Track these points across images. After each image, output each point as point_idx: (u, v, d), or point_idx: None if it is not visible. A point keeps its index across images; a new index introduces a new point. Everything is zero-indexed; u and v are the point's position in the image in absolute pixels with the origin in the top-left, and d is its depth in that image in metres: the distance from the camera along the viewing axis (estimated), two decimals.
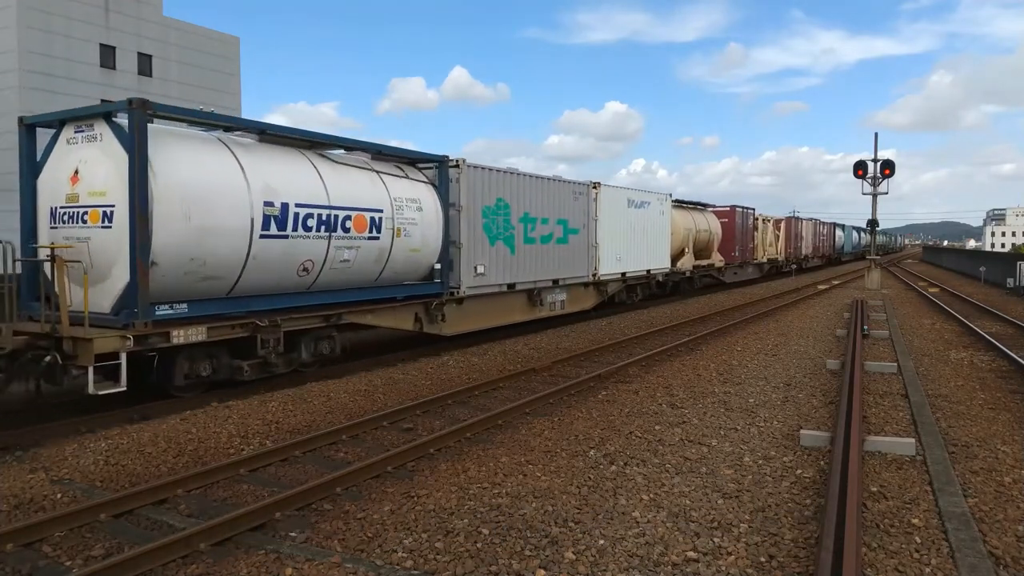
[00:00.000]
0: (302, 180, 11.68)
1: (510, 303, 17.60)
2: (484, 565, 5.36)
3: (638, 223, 23.87)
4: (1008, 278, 32.53)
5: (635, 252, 23.70)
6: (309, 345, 12.25)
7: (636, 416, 9.72)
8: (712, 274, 33.33)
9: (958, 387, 11.69)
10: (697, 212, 32.20)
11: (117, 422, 9.38)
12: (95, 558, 5.54)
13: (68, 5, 35.19)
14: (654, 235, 25.22)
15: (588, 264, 20.87)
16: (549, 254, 18.81)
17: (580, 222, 20.33)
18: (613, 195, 22.25)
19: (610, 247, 21.82)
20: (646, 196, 24.79)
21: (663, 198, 26.38)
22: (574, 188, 20.14)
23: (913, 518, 6.21)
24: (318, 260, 11.91)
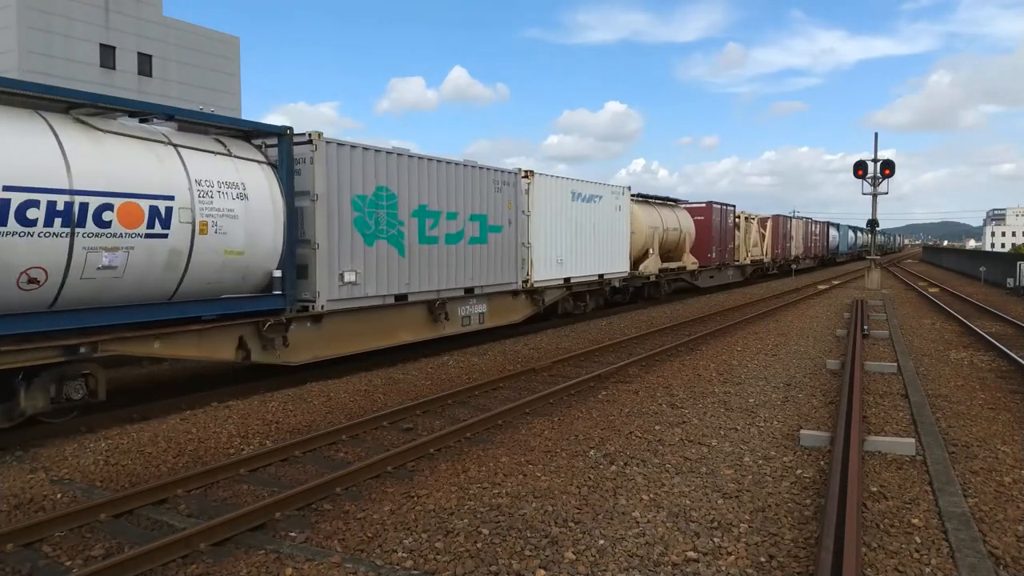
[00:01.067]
0: (20, 152, 8.18)
1: (400, 319, 13.92)
2: (484, 565, 5.36)
3: (587, 220, 20.51)
4: (1008, 278, 32.53)
5: (583, 254, 20.38)
6: (45, 387, 8.74)
7: (636, 416, 9.73)
8: (684, 278, 29.68)
9: (958, 387, 11.69)
10: (666, 209, 28.46)
11: (117, 422, 9.38)
12: (95, 558, 5.54)
13: (68, 5, 35.19)
14: (608, 234, 21.85)
15: (517, 268, 17.33)
16: (459, 257, 15.28)
17: (505, 218, 16.82)
18: (551, 186, 18.90)
19: (548, 248, 18.56)
20: (597, 189, 21.31)
21: (620, 191, 22.84)
22: (496, 177, 16.60)
23: (913, 518, 6.21)
24: (55, 267, 8.45)
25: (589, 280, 21.04)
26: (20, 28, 33.26)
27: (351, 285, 12.53)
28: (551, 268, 18.77)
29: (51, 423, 8.92)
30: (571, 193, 19.83)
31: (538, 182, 18.22)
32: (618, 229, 22.66)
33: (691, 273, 30.00)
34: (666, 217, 27.77)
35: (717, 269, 33.21)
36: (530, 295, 18.15)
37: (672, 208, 29.24)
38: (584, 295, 21.49)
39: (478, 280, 16.02)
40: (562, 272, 19.35)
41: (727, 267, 34.76)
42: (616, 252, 22.52)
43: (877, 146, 35.05)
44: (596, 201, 21.18)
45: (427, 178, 14.46)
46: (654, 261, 26.12)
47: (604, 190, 21.73)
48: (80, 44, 35.61)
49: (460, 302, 15.57)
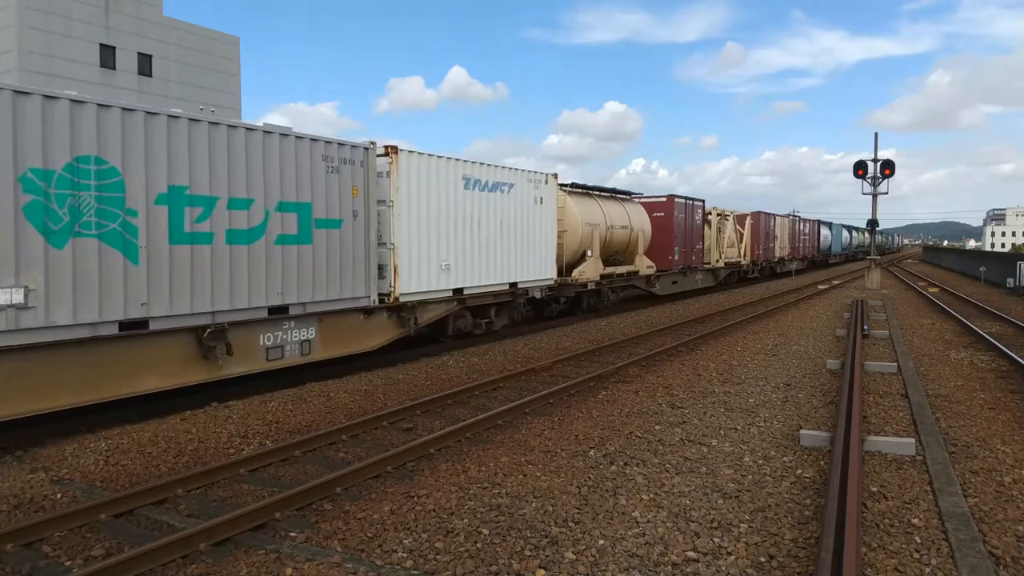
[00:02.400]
0: None
1: (137, 357, 9.47)
2: (484, 565, 5.36)
3: (489, 214, 16.42)
4: (1008, 278, 32.52)
5: (484, 257, 16.24)
6: None
7: (636, 416, 9.72)
8: (637, 284, 25.38)
9: (958, 387, 11.69)
10: (612, 203, 23.85)
11: (117, 422, 9.37)
12: (95, 558, 5.55)
13: (68, 5, 35.19)
14: (524, 232, 17.75)
15: (369, 278, 12.98)
16: (258, 263, 10.89)
17: (347, 209, 12.50)
18: (429, 168, 14.53)
19: (426, 250, 14.38)
20: (506, 175, 17.08)
21: (541, 179, 18.55)
22: (328, 152, 12.12)
23: (913, 518, 6.21)
24: None
25: (495, 291, 16.72)
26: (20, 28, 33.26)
27: (14, 309, 8.19)
28: (431, 276, 14.55)
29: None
30: (463, 179, 15.60)
31: (406, 162, 13.85)
32: (539, 226, 18.48)
33: (646, 279, 25.70)
34: (612, 213, 23.26)
35: (681, 273, 29.00)
36: (394, 313, 13.79)
37: (621, 202, 24.62)
38: (487, 309, 17.08)
39: (298, 295, 11.55)
40: (450, 281, 15.15)
41: (694, 271, 30.46)
42: (536, 255, 18.29)
43: (877, 146, 35.03)
44: (504, 191, 16.99)
45: (188, 148, 10.01)
46: (594, 265, 21.80)
47: (517, 176, 17.53)
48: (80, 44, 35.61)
49: (263, 328, 11.05)
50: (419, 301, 14.35)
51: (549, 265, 19.08)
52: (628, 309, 24.44)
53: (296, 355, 11.70)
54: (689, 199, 29.73)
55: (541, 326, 19.55)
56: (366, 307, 13.06)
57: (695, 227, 30.28)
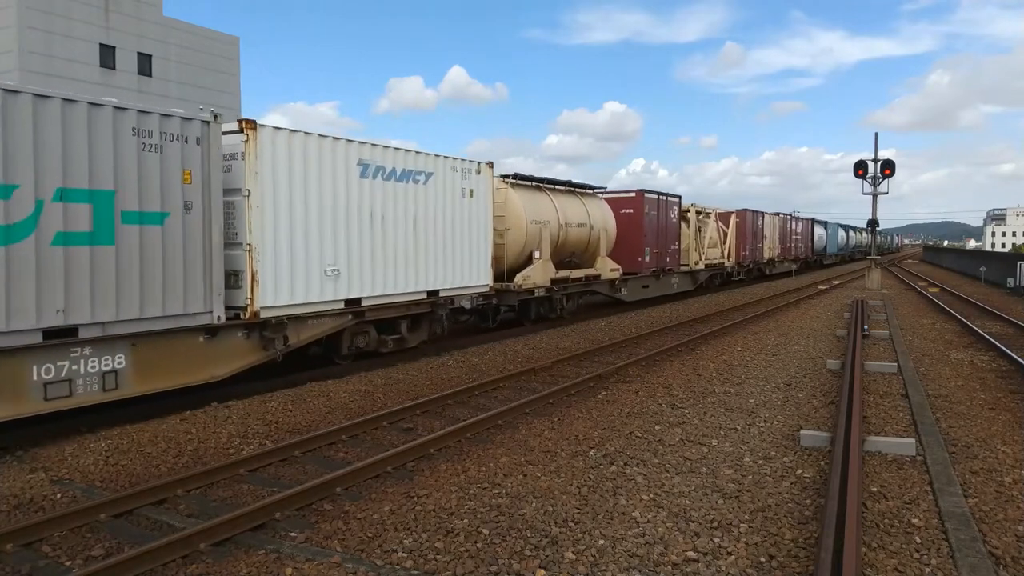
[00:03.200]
0: None
1: None
2: (484, 565, 5.36)
3: (398, 208, 13.74)
4: (1008, 278, 32.52)
5: (390, 261, 13.58)
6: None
7: (636, 416, 9.72)
8: (598, 290, 22.63)
9: (958, 387, 11.69)
10: (568, 197, 21.27)
11: (117, 422, 9.37)
12: (95, 558, 5.54)
13: (68, 5, 35.20)
14: (448, 231, 15.12)
15: (210, 288, 10.21)
16: (28, 268, 8.32)
17: (173, 199, 9.76)
18: (306, 150, 11.73)
19: (301, 252, 11.60)
20: (420, 161, 14.29)
21: (471, 168, 15.89)
22: (143, 124, 9.42)
23: (913, 518, 6.21)
24: None
25: (407, 301, 14.14)
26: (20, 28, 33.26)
27: None
28: (310, 285, 11.83)
29: None
30: (360, 164, 12.85)
31: (270, 142, 11.07)
32: (469, 224, 15.87)
33: (610, 283, 22.94)
34: (567, 209, 20.73)
35: (653, 277, 26.16)
36: (256, 331, 10.94)
37: (580, 197, 22.06)
38: (396, 323, 14.21)
39: (92, 312, 8.86)
40: (339, 290, 12.43)
41: (669, 274, 27.74)
42: (465, 257, 15.73)
43: (877, 146, 35.01)
44: (419, 181, 14.30)
45: None
46: (542, 269, 19.09)
47: (436, 164, 14.81)
48: (80, 44, 35.62)
49: (36, 356, 8.36)
50: (291, 316, 11.43)
51: (483, 269, 16.40)
52: (628, 309, 24.41)
53: (95, 391, 8.89)
54: (663, 194, 26.86)
55: (545, 325, 19.51)
56: (208, 325, 10.15)
57: (670, 225, 27.47)
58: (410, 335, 14.62)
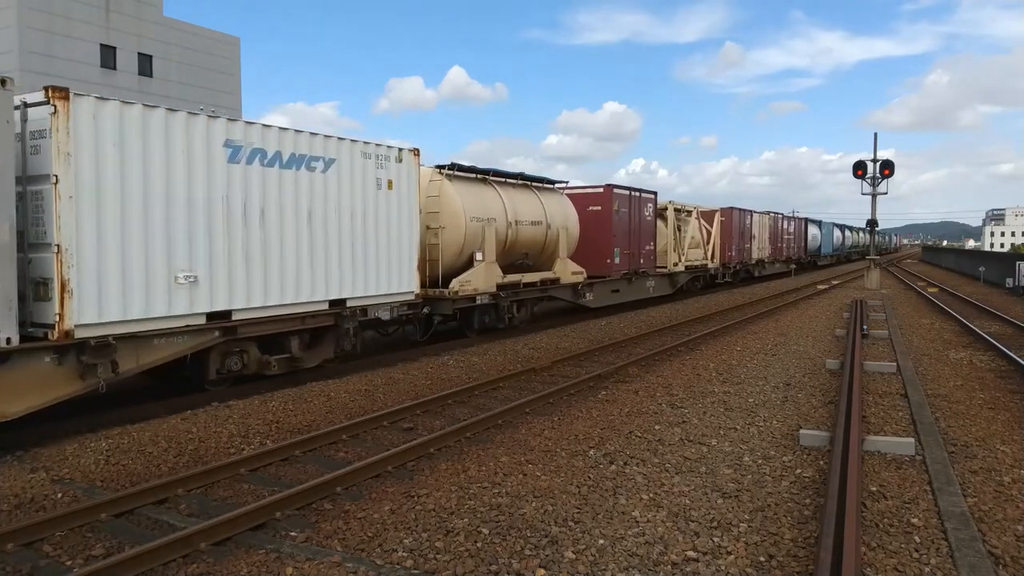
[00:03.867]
0: None
1: None
2: (484, 564, 5.37)
3: (286, 200, 11.36)
4: (1007, 278, 32.53)
5: (274, 265, 11.20)
6: None
7: (636, 416, 9.73)
8: (558, 296, 20.36)
9: (957, 387, 11.70)
10: (520, 192, 18.90)
11: (118, 422, 9.38)
12: (96, 557, 5.55)
13: (68, 5, 35.21)
14: (359, 228, 12.77)
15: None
16: None
17: None
18: (145, 126, 9.50)
19: (139, 254, 9.44)
20: (318, 145, 11.94)
21: (388, 155, 13.48)
22: None
23: (913, 518, 6.22)
24: None
25: (300, 313, 11.69)
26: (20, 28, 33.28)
27: None
28: (155, 295, 9.60)
29: None
30: (228, 146, 10.51)
31: (90, 115, 8.88)
32: (388, 220, 13.50)
33: (573, 288, 20.71)
34: (519, 204, 18.36)
35: (625, 281, 24.04)
36: (71, 355, 8.79)
37: (536, 192, 19.63)
38: (285, 341, 11.79)
39: None
40: (197, 302, 10.14)
41: (644, 277, 25.45)
42: (382, 260, 13.34)
43: (876, 146, 35.00)
44: (316, 168, 11.87)
45: None
46: (485, 273, 16.77)
47: (340, 148, 12.37)
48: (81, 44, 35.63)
49: None
50: (124, 335, 9.18)
51: (407, 274, 14.04)
52: (627, 309, 24.40)
53: None
54: (636, 190, 24.70)
55: (545, 325, 19.50)
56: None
57: (644, 224, 25.23)
58: (307, 353, 12.19)
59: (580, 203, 22.24)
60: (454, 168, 16.88)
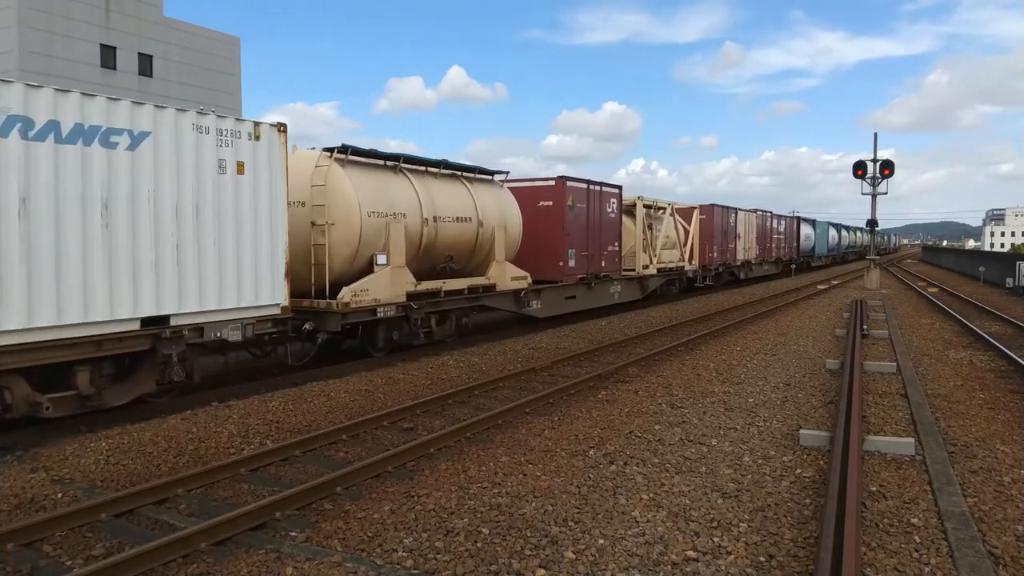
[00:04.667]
0: None
1: None
2: (484, 564, 5.37)
3: (62, 187, 8.67)
4: (1007, 278, 32.53)
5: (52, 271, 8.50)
6: None
7: (636, 416, 9.74)
8: (494, 305, 17.28)
9: (957, 387, 11.70)
10: (445, 183, 15.97)
11: (117, 422, 9.38)
12: (96, 557, 5.55)
13: (68, 5, 35.21)
14: (192, 222, 10.08)
15: None
16: None
17: None
18: None
19: None
20: (120, 114, 9.20)
21: (238, 130, 10.76)
22: None
23: (912, 517, 6.22)
24: None
25: (94, 335, 8.95)
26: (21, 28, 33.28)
27: None
28: None
29: None
30: None
31: None
32: (238, 212, 10.76)
33: (514, 296, 17.79)
34: (441, 198, 15.42)
35: (584, 286, 21.27)
36: None
37: (464, 183, 16.59)
38: (69, 374, 8.93)
39: None
40: None
41: (606, 281, 22.70)
42: (230, 263, 10.58)
43: (876, 146, 35.00)
44: (118, 144, 9.22)
45: None
46: (391, 279, 13.85)
47: (158, 119, 9.65)
48: (81, 44, 35.64)
49: None
50: None
51: (267, 283, 11.13)
52: (626, 310, 24.40)
53: None
54: (596, 184, 21.89)
55: (545, 325, 19.44)
56: None
57: (607, 222, 22.48)
58: (110, 388, 9.43)
59: (527, 197, 19.58)
60: (347, 151, 13.67)
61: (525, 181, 20.44)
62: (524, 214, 18.63)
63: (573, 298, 20.94)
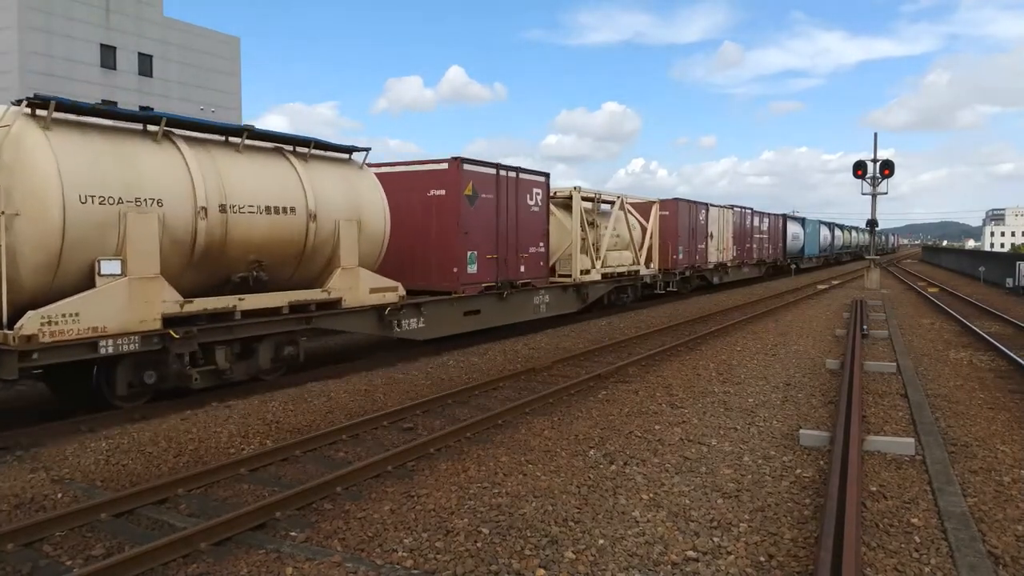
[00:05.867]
0: None
1: None
2: (484, 564, 5.37)
3: None
4: (1007, 278, 32.54)
5: None
6: None
7: (636, 416, 9.74)
8: (339, 328, 12.97)
9: (957, 387, 11.70)
10: (252, 158, 11.36)
11: (117, 422, 9.38)
12: (96, 557, 5.55)
13: (69, 5, 35.22)
14: None
15: None
16: None
17: None
18: None
19: None
20: None
21: None
22: None
23: (912, 518, 6.22)
24: None
25: None
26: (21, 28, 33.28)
27: None
28: None
29: None
30: None
31: None
32: None
33: (377, 314, 13.36)
34: (237, 178, 10.89)
35: (495, 297, 16.57)
36: None
37: (292, 161, 12.05)
38: None
39: None
40: None
41: (529, 291, 18.02)
42: None
43: (876, 146, 35.01)
44: None
45: None
46: (138, 298, 9.51)
47: None
48: (81, 44, 35.65)
49: None
50: None
51: None
52: (627, 309, 24.39)
53: None
54: (509, 169, 17.08)
55: (545, 325, 19.43)
56: None
57: (528, 217, 17.83)
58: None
59: (412, 185, 15.52)
60: (51, 106, 8.95)
61: (411, 164, 16.03)
62: (407, 206, 15.08)
63: (476, 313, 16.08)
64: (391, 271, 14.25)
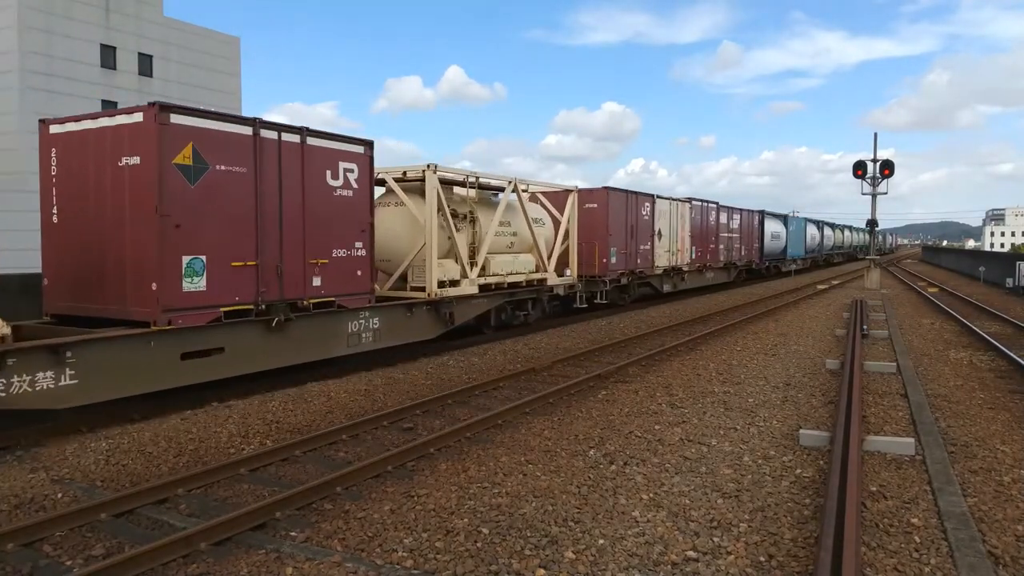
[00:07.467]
0: None
1: None
2: (484, 564, 5.37)
3: None
4: (1007, 278, 32.54)
5: None
6: None
7: (636, 416, 9.74)
8: None
9: (957, 387, 11.70)
10: None
11: (117, 422, 9.38)
12: (96, 557, 5.55)
13: (69, 5, 35.22)
14: None
15: None
16: None
17: None
18: None
19: None
20: None
21: None
22: None
23: (912, 518, 6.22)
24: None
25: None
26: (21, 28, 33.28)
27: None
28: None
29: None
30: None
31: None
32: None
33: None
34: None
35: (261, 325, 10.82)
36: None
37: None
38: None
39: None
40: None
41: (337, 315, 12.18)
42: None
43: (876, 146, 34.99)
44: None
45: None
46: None
47: None
48: (81, 44, 35.65)
49: None
50: None
51: None
52: (627, 309, 24.38)
53: None
54: (290, 131, 11.19)
55: (545, 325, 19.44)
56: None
57: (335, 205, 12.05)
58: None
59: (98, 151, 9.99)
60: None
61: (98, 118, 10.15)
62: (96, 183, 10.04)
63: (213, 353, 10.26)
64: (65, 291, 10.10)
